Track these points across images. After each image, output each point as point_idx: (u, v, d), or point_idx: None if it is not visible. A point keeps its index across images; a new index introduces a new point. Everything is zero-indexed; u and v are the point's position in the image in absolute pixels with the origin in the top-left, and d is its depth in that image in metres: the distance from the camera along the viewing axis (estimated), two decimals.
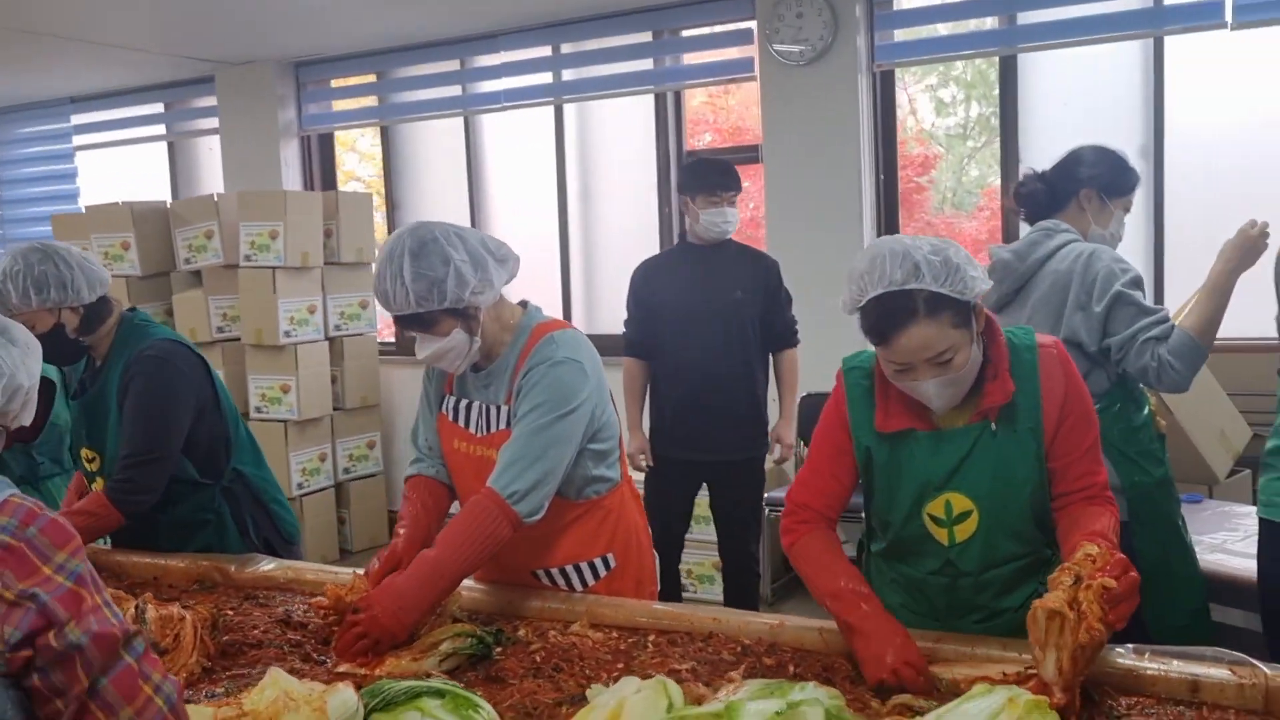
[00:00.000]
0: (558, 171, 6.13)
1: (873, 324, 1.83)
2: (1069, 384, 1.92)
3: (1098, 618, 1.56)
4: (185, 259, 6.13)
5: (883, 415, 1.95)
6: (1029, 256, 2.77)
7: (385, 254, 2.11)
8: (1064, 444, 1.92)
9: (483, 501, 2.10)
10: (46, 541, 1.28)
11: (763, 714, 1.28)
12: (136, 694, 1.29)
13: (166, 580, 2.54)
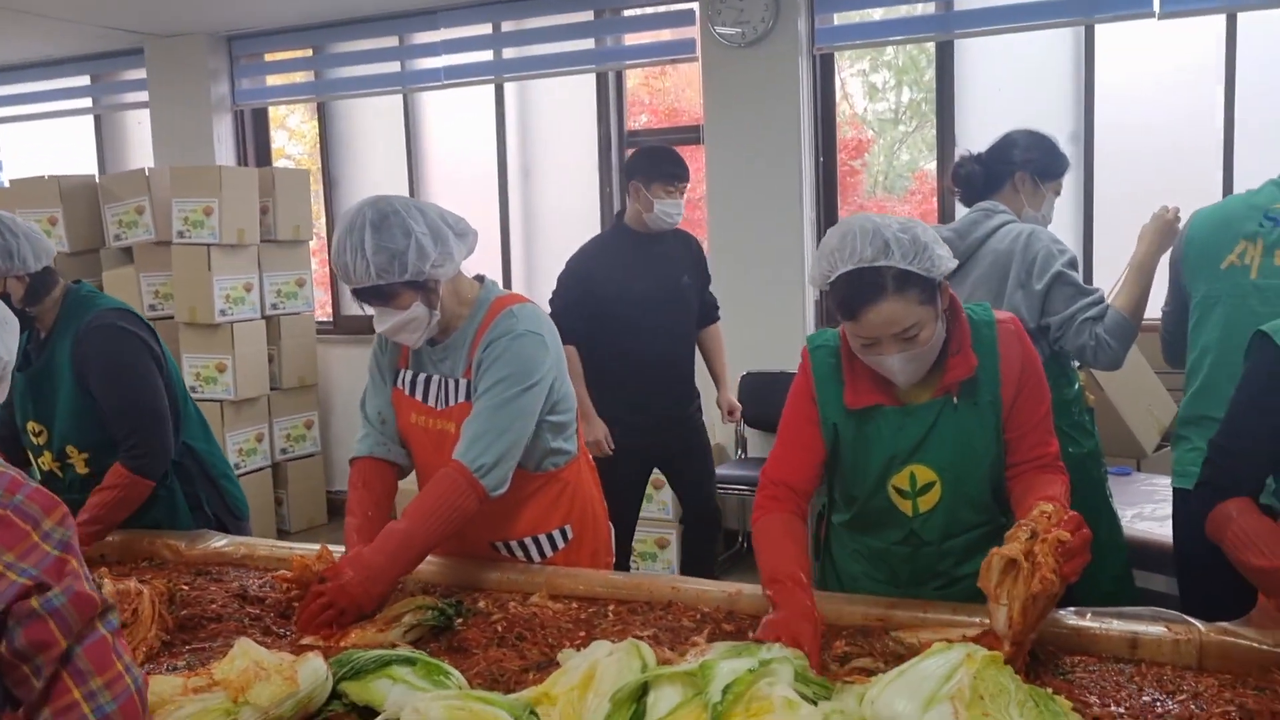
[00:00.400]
0: (498, 150, 6.11)
1: (843, 299, 1.88)
2: (1025, 358, 2.00)
3: (1051, 569, 1.62)
4: (115, 235, 6.00)
5: (851, 392, 2.00)
6: (969, 235, 2.86)
7: (345, 226, 2.11)
8: (1019, 415, 1.99)
9: (450, 475, 2.11)
10: (35, 508, 1.27)
11: (736, 671, 1.33)
12: (109, 666, 1.27)
13: (115, 557, 2.52)
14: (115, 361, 2.54)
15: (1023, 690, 1.41)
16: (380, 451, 2.37)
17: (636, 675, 1.44)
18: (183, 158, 6.44)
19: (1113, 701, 1.60)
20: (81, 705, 1.23)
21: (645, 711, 1.37)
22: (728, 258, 5.38)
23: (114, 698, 1.26)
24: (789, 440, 2.08)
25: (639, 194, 3.88)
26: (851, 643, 1.82)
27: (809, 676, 1.52)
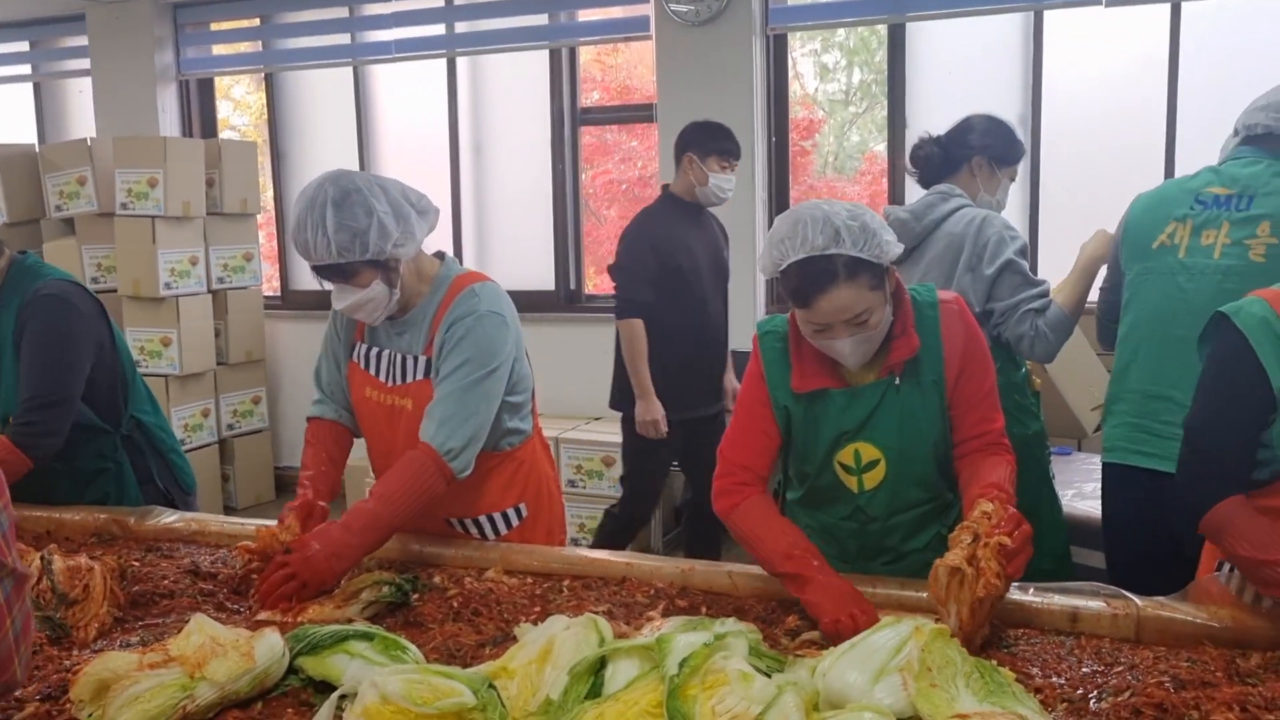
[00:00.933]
0: (450, 125, 6.07)
1: (795, 287, 1.91)
2: (968, 336, 2.05)
3: (995, 574, 1.68)
4: (56, 206, 5.88)
5: (799, 376, 2.04)
6: (925, 218, 2.90)
7: (306, 202, 2.09)
8: (963, 392, 2.04)
9: (420, 458, 2.11)
10: None
11: (693, 645, 1.35)
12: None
13: (63, 533, 2.48)
14: (44, 338, 2.49)
15: (969, 662, 1.45)
16: (331, 415, 2.39)
17: (594, 649, 1.46)
18: (125, 128, 6.31)
19: (1054, 673, 1.65)
20: None
21: (603, 684, 1.39)
22: None
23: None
24: (745, 425, 2.11)
25: (693, 166, 3.87)
26: (803, 617, 1.86)
27: (762, 650, 1.55)
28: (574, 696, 1.37)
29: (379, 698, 1.44)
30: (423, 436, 2.14)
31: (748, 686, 1.30)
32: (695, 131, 3.98)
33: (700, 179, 3.89)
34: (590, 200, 6.24)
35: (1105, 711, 1.52)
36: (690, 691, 1.29)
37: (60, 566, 1.94)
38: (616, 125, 6.09)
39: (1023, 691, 1.44)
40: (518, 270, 5.97)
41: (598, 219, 6.37)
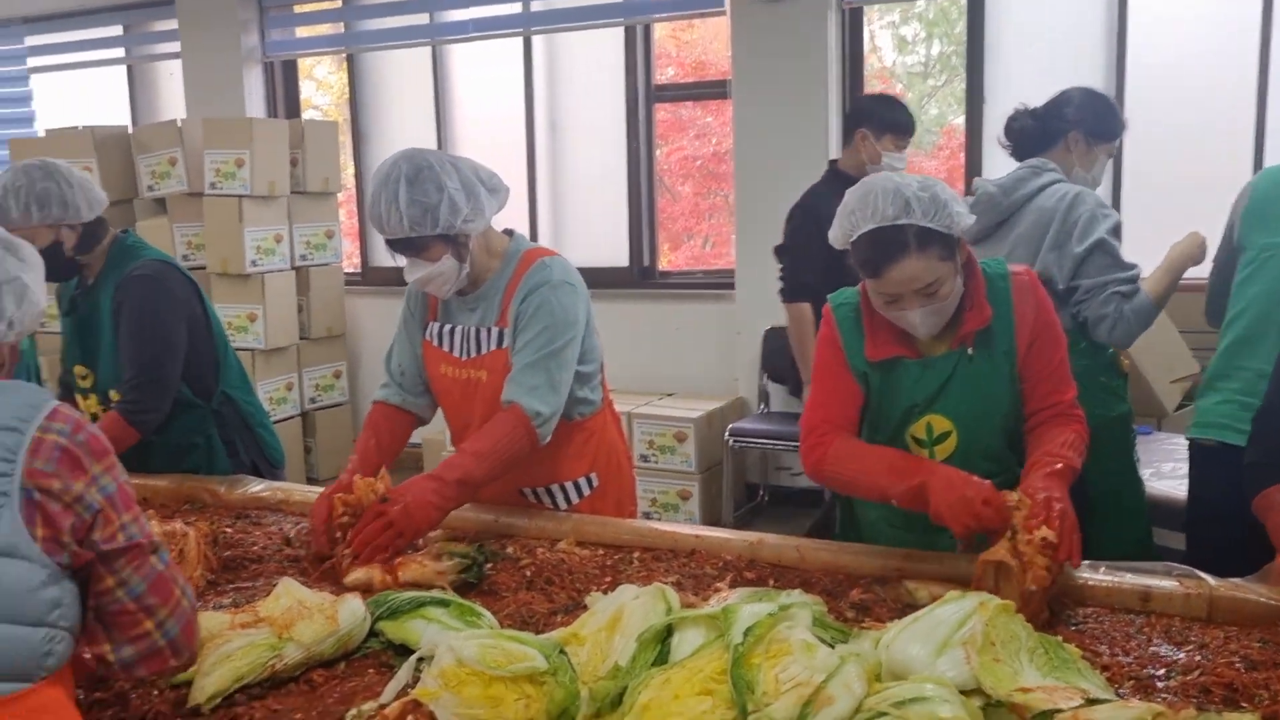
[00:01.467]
0: (526, 104, 6.12)
1: (866, 257, 1.93)
2: (1039, 308, 2.06)
3: (1043, 566, 1.70)
4: (148, 186, 6.07)
5: (872, 345, 2.06)
6: (1014, 192, 2.85)
7: (381, 178, 2.16)
8: (1034, 363, 2.05)
9: (510, 420, 2.18)
10: (90, 451, 1.37)
11: (757, 615, 1.38)
12: (169, 594, 1.42)
13: (157, 500, 2.60)
14: (144, 314, 2.61)
15: (1034, 638, 1.46)
16: (395, 399, 2.45)
17: (661, 618, 1.50)
18: (214, 109, 6.49)
19: (1122, 651, 1.65)
20: (154, 634, 1.39)
21: (669, 652, 1.43)
22: (753, 213, 5.39)
23: (178, 621, 1.42)
24: (827, 386, 2.12)
25: (865, 143, 3.71)
26: (867, 590, 1.88)
27: (826, 622, 1.58)
28: (641, 663, 1.41)
29: (455, 661, 1.50)
30: (509, 396, 2.20)
31: (811, 656, 1.33)
32: (870, 105, 3.81)
33: (873, 157, 3.71)
34: (665, 177, 6.26)
35: (1173, 689, 1.52)
36: (754, 660, 1.32)
37: (157, 531, 2.03)
38: (691, 101, 6.09)
39: (1088, 668, 1.44)
40: (592, 247, 6.02)
41: (673, 195, 6.39)
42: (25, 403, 1.36)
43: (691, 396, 5.58)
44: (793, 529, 4.96)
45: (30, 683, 1.29)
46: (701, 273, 6.03)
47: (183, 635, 1.43)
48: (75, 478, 1.34)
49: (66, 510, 1.32)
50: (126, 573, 1.38)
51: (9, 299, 1.45)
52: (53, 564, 1.31)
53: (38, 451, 1.32)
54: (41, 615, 1.30)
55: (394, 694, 1.55)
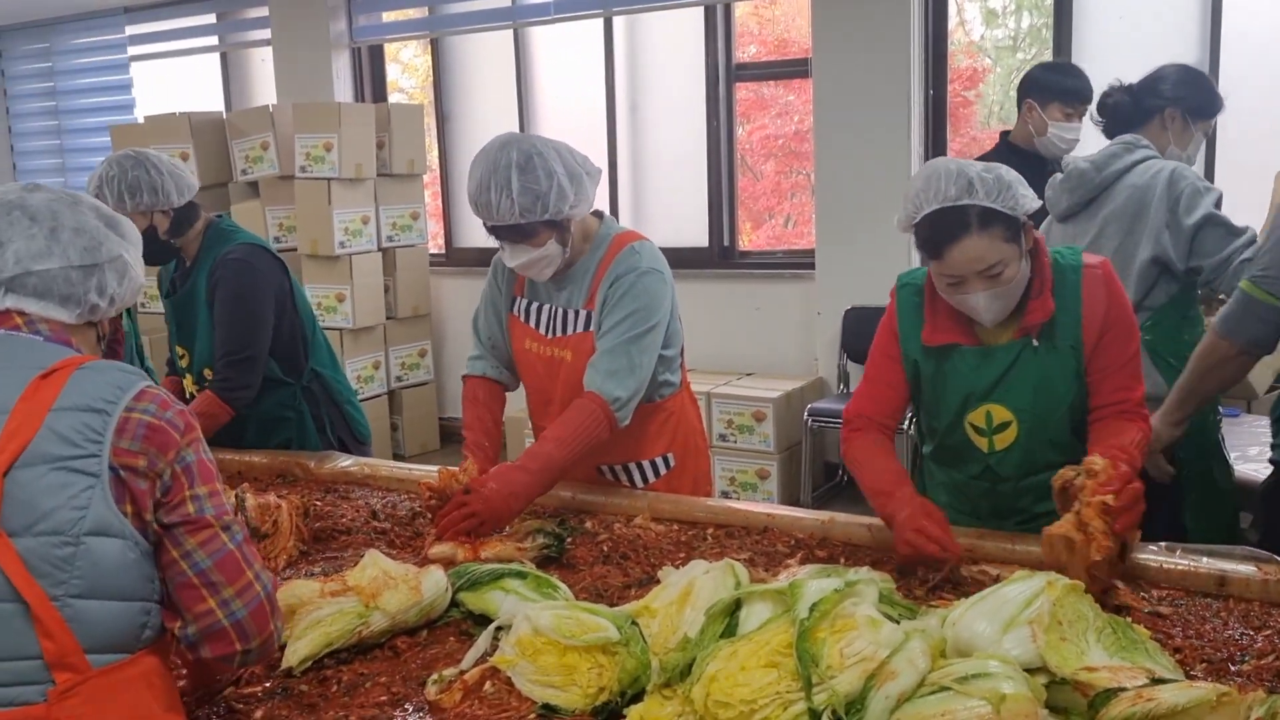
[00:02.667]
0: (606, 85, 6.16)
1: (927, 237, 1.93)
2: (1111, 302, 2.01)
3: (1103, 533, 1.69)
4: (242, 170, 6.26)
5: (930, 329, 2.06)
6: (1106, 169, 2.79)
7: (488, 166, 2.20)
8: (1101, 359, 2.02)
9: (589, 405, 2.22)
10: (181, 424, 1.39)
11: (823, 590, 1.41)
12: (239, 575, 1.39)
13: (251, 474, 2.72)
14: (231, 299, 2.72)
15: (1102, 618, 1.46)
16: (492, 373, 2.51)
17: (730, 592, 1.54)
18: (303, 94, 6.65)
19: (1196, 634, 1.64)
20: (217, 612, 1.37)
21: (738, 625, 1.47)
22: (833, 192, 5.37)
23: (245, 604, 1.39)
24: (873, 377, 2.16)
25: (1033, 113, 3.55)
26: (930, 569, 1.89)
27: (894, 599, 1.60)
28: (710, 635, 1.44)
29: (532, 630, 1.56)
30: (590, 386, 2.24)
31: (875, 631, 1.35)
32: (1037, 73, 3.65)
33: (1040, 128, 3.53)
34: (747, 156, 6.25)
35: (1246, 673, 1.52)
36: (820, 634, 1.35)
37: (252, 503, 2.14)
38: (773, 80, 6.07)
39: (1157, 649, 1.44)
40: (672, 227, 6.05)
41: (754, 175, 6.38)
42: (112, 384, 1.37)
43: (771, 376, 5.59)
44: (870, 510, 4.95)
45: (130, 654, 1.33)
46: (782, 252, 6.02)
47: (251, 620, 1.39)
48: (162, 453, 1.35)
49: (152, 486, 1.34)
50: (190, 545, 1.36)
51: (111, 276, 1.50)
52: (143, 540, 1.34)
53: (124, 431, 1.33)
54: (137, 590, 1.33)
55: (473, 661, 1.62)
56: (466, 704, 1.52)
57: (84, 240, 1.48)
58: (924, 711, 1.25)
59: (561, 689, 1.49)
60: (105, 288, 1.50)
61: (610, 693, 1.47)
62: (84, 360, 1.40)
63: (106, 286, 1.50)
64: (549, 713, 1.48)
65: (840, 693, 1.28)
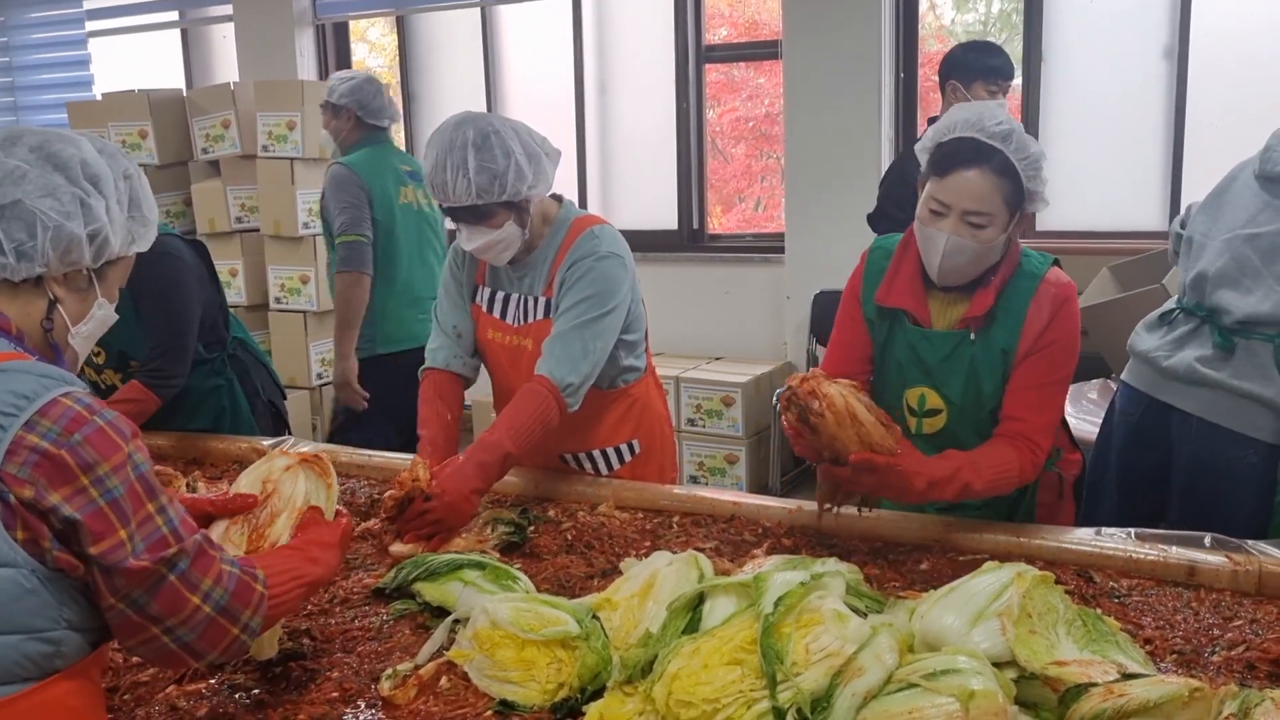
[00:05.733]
0: (575, 65, 6.08)
1: (942, 155, 1.93)
2: (1054, 324, 1.98)
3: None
4: (203, 149, 6.13)
5: (884, 290, 2.06)
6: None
7: (444, 145, 2.14)
8: (1020, 374, 2.00)
9: (539, 391, 2.16)
10: (92, 453, 1.19)
11: (789, 583, 1.37)
12: (183, 606, 1.25)
13: (208, 460, 2.65)
14: (157, 286, 2.66)
15: (1072, 610, 1.44)
16: (455, 365, 2.43)
17: (694, 585, 1.50)
18: (266, 71, 6.53)
19: (1167, 625, 1.62)
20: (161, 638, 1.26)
21: (701, 619, 1.43)
22: (804, 175, 5.33)
23: (192, 629, 1.27)
24: (837, 340, 2.17)
25: (956, 94, 3.52)
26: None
27: (861, 590, 1.57)
28: (672, 631, 1.41)
29: (490, 623, 1.52)
30: (540, 370, 2.19)
31: (842, 626, 1.32)
32: (957, 54, 3.61)
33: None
34: (717, 138, 6.20)
35: (1217, 665, 1.50)
36: (785, 630, 1.31)
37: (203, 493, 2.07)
38: (743, 62, 6.02)
39: (1127, 641, 1.42)
40: (641, 210, 5.99)
41: (724, 157, 6.33)
42: (15, 391, 1.19)
43: (740, 360, 5.56)
44: None
45: (37, 680, 1.19)
46: (751, 236, 5.98)
47: (200, 640, 1.28)
48: (54, 487, 1.17)
49: (41, 519, 1.17)
50: (124, 588, 1.21)
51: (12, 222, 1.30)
52: (42, 568, 1.18)
53: (14, 453, 1.15)
54: (34, 621, 1.18)
55: (429, 655, 1.58)
56: (421, 700, 1.48)
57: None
58: (891, 709, 1.22)
59: (520, 684, 1.45)
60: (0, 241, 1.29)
61: (570, 689, 1.43)
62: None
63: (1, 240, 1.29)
64: (506, 709, 1.43)
65: (805, 691, 1.24)
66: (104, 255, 1.40)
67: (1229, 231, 2.50)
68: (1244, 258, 2.46)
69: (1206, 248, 2.55)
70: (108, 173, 1.40)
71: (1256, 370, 2.42)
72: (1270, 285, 2.41)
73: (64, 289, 1.38)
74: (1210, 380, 2.45)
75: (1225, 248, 2.49)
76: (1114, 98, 4.80)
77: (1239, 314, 2.43)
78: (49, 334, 1.37)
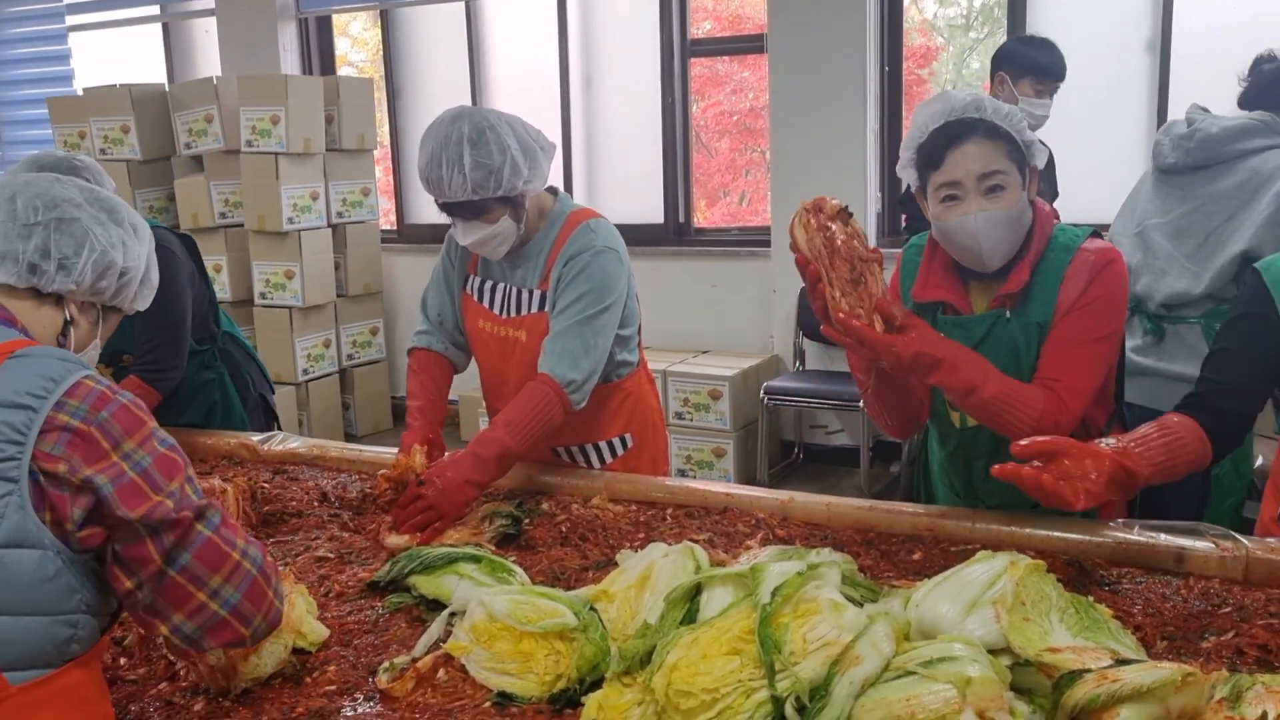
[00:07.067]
0: (560, 59, 6.08)
1: (929, 149, 1.88)
2: (1090, 288, 1.92)
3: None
4: (186, 144, 6.11)
5: (921, 285, 2.01)
6: (1234, 142, 2.68)
7: (439, 140, 2.14)
8: (1056, 333, 1.94)
9: (542, 388, 2.17)
10: (118, 428, 1.26)
11: (785, 574, 1.38)
12: (224, 561, 1.30)
13: (197, 456, 2.64)
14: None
15: (1065, 598, 1.45)
16: (439, 349, 2.45)
17: (690, 576, 1.50)
18: (249, 66, 6.50)
19: (1156, 611, 1.64)
20: (209, 604, 1.30)
21: (698, 610, 1.43)
22: (789, 169, 5.34)
23: (236, 588, 1.31)
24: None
25: (1003, 87, 3.49)
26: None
27: (856, 580, 1.58)
28: (670, 621, 1.41)
29: (486, 616, 1.52)
30: (543, 368, 2.19)
31: (839, 615, 1.33)
32: (1010, 47, 3.59)
33: (1010, 101, 3.39)
34: (702, 133, 6.21)
35: (1207, 651, 1.51)
36: (782, 619, 1.32)
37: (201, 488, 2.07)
38: (728, 56, 6.03)
39: (1119, 628, 1.43)
40: (627, 204, 6.00)
41: (709, 151, 6.34)
42: (42, 374, 1.24)
43: (727, 354, 5.58)
44: (827, 487, 4.97)
45: (55, 668, 1.24)
46: (737, 230, 6.00)
47: (246, 601, 1.32)
48: (89, 462, 1.23)
49: (76, 494, 1.22)
50: (168, 543, 1.26)
51: (63, 239, 1.42)
52: (65, 548, 1.23)
53: (48, 432, 1.21)
54: (59, 604, 1.23)
55: (426, 648, 1.58)
56: (419, 692, 1.48)
57: (39, 201, 1.41)
58: (889, 697, 1.23)
59: (517, 676, 1.46)
60: (50, 250, 1.41)
61: (568, 680, 1.44)
62: (17, 346, 1.28)
63: (52, 249, 1.41)
64: (504, 701, 1.44)
65: (804, 679, 1.25)
66: (121, 296, 1.54)
67: (1139, 225, 2.75)
68: (1155, 245, 2.70)
69: (1124, 245, 2.74)
70: (147, 231, 1.57)
71: (1187, 352, 2.59)
72: (1183, 265, 2.59)
73: (80, 314, 1.50)
74: (1146, 368, 2.61)
75: (1139, 240, 2.71)
76: (1097, 91, 4.83)
77: (1160, 297, 2.62)
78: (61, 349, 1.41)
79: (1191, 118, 2.78)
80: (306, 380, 6.03)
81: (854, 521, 2.02)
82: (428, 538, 1.96)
